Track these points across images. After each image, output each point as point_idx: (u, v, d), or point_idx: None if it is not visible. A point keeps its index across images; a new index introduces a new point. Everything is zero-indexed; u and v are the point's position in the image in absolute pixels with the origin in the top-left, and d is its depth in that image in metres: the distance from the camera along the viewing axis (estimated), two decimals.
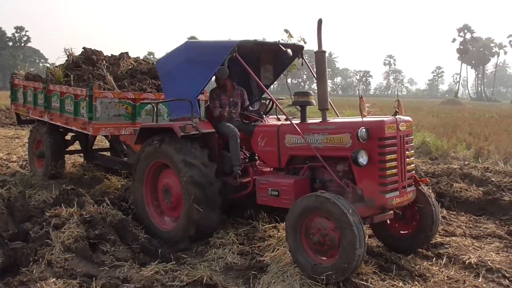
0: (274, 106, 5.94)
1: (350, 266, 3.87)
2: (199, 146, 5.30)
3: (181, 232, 5.29)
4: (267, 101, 6.35)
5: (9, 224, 5.80)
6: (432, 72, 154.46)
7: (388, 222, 4.73)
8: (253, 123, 5.70)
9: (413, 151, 4.77)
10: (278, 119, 5.82)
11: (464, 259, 4.80)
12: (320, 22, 4.71)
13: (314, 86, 5.13)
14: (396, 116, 4.48)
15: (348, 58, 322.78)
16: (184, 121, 5.42)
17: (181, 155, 5.20)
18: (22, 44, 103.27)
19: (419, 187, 4.82)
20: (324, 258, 4.15)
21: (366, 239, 3.95)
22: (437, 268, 4.63)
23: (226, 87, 5.95)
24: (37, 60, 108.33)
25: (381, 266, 4.57)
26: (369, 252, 4.94)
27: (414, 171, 4.79)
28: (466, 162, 10.52)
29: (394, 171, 4.36)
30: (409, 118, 4.68)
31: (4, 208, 6.02)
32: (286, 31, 19.28)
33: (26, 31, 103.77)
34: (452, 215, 6.57)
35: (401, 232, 5.04)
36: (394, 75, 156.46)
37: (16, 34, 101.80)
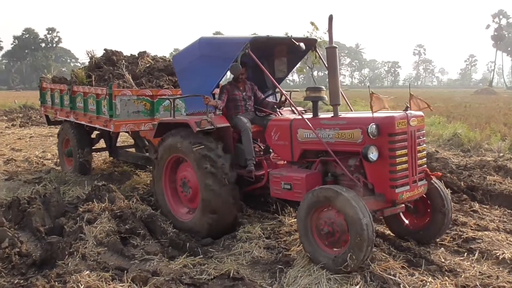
0: (291, 98, 5.96)
1: (362, 237, 3.93)
2: (214, 139, 5.41)
3: (199, 221, 5.40)
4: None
5: (46, 219, 6.05)
6: (465, 61, 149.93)
7: (401, 215, 4.82)
8: (267, 117, 5.77)
9: (425, 145, 4.80)
10: (293, 112, 5.84)
11: (497, 254, 4.67)
12: (331, 18, 4.77)
13: (340, 78, 5.13)
14: (407, 112, 4.51)
15: (375, 49, 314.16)
16: (200, 116, 5.53)
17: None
18: (54, 45, 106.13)
19: (434, 182, 4.84)
20: (341, 248, 4.21)
21: (367, 209, 4.05)
22: (468, 263, 4.54)
23: (239, 81, 5.97)
24: (68, 60, 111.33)
25: (409, 261, 4.52)
26: (397, 247, 4.90)
27: (425, 165, 4.80)
28: (501, 154, 10.19)
29: (404, 166, 4.41)
30: (421, 113, 4.68)
31: (41, 204, 6.28)
32: (312, 23, 19.25)
33: (58, 32, 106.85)
34: (485, 209, 6.39)
35: (413, 225, 5.08)
36: (424, 65, 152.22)
37: (48, 35, 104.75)
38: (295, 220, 5.74)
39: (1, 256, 4.86)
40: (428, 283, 4.04)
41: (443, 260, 4.57)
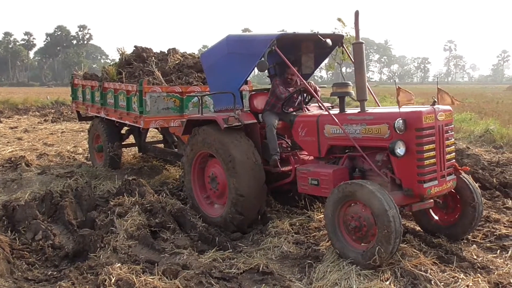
0: (318, 95, 5.92)
1: (390, 229, 3.92)
2: (245, 139, 5.43)
3: (227, 219, 5.45)
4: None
5: (77, 212, 6.22)
6: (497, 57, 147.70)
7: (431, 211, 4.84)
8: (294, 113, 5.76)
9: (453, 140, 4.74)
10: (320, 108, 5.81)
11: None
12: (357, 14, 4.78)
13: (369, 74, 5.13)
14: (435, 106, 4.46)
15: (405, 45, 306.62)
16: (228, 113, 5.56)
17: (227, 148, 5.34)
18: (85, 42, 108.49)
19: (462, 177, 4.78)
20: (369, 242, 4.20)
21: (393, 201, 4.03)
22: (501, 260, 4.45)
23: (292, 80, 5.88)
24: (99, 57, 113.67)
25: (440, 257, 4.46)
26: (428, 243, 4.84)
27: (454, 160, 4.73)
28: None
29: (432, 160, 4.38)
30: (449, 107, 4.63)
31: (73, 198, 6.45)
32: (340, 20, 19.15)
33: (89, 29, 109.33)
34: None
35: (443, 220, 5.02)
36: (454, 61, 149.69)
37: (79, 33, 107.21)
38: (323, 215, 5.74)
39: (35, 248, 5.04)
40: (460, 280, 3.97)
41: (475, 257, 4.48)
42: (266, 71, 5.72)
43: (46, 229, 5.36)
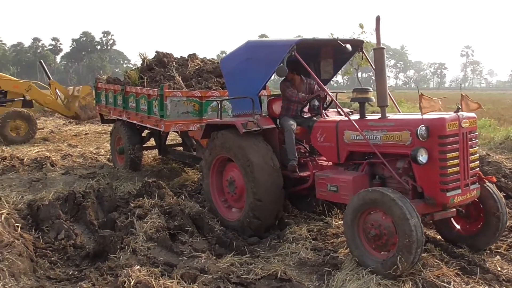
0: (336, 99, 5.88)
1: (411, 239, 3.83)
2: (263, 143, 5.42)
3: (244, 223, 5.44)
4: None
5: (99, 213, 6.29)
6: None
7: (452, 220, 4.73)
8: (313, 118, 5.73)
9: (477, 147, 4.62)
10: (339, 114, 5.76)
11: None
12: (378, 19, 4.71)
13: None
14: (459, 113, 4.35)
15: (421, 51, 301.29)
16: (246, 117, 5.57)
17: (245, 152, 5.33)
18: (109, 47, 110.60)
19: (486, 186, 4.64)
20: (389, 251, 4.12)
21: (415, 209, 3.94)
22: None
23: (294, 82, 5.93)
24: (121, 62, 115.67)
25: (463, 268, 4.33)
26: (450, 253, 4.72)
27: (478, 168, 4.62)
28: None
29: (456, 169, 4.26)
30: (473, 115, 4.51)
31: (94, 199, 6.54)
32: (361, 25, 19.16)
33: (112, 35, 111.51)
34: None
35: (465, 230, 4.89)
36: (472, 66, 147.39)
37: (103, 38, 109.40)
38: (342, 222, 5.67)
39: (57, 247, 5.14)
40: None
41: (499, 269, 4.35)
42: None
43: (68, 228, 5.47)
